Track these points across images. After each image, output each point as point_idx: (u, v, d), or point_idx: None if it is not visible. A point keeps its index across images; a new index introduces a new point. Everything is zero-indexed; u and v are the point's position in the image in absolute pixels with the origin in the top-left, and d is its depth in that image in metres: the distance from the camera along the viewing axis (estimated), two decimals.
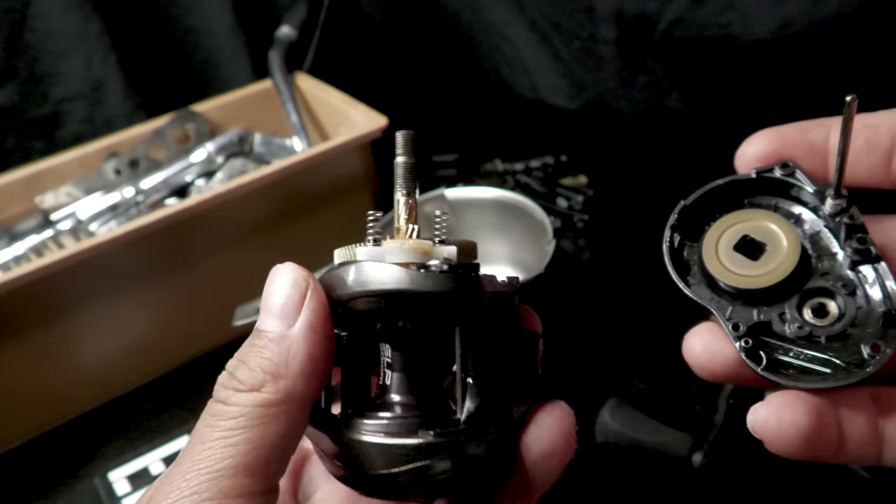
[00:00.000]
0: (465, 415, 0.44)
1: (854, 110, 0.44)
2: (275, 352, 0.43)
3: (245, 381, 0.43)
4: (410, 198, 0.48)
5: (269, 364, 0.43)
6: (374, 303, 0.44)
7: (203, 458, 0.42)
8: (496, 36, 1.22)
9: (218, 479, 0.41)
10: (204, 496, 0.41)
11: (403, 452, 0.43)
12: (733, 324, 0.48)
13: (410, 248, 0.45)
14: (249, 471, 0.42)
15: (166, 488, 0.42)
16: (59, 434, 0.97)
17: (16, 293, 0.86)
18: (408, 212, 0.48)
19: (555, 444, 0.46)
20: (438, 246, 0.46)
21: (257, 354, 0.44)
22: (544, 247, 0.97)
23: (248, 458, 0.42)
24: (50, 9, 1.17)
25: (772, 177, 0.50)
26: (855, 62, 0.99)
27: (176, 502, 0.41)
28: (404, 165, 0.49)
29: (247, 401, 0.43)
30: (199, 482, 0.41)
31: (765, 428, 0.45)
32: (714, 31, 1.04)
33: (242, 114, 1.19)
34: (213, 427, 0.43)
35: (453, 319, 0.45)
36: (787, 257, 0.48)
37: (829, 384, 0.45)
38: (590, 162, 1.25)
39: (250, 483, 0.42)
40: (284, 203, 1.04)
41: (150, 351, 1.01)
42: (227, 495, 0.41)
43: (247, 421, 0.42)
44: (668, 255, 0.51)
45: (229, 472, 0.42)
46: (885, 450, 0.46)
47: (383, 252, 0.45)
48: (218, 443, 0.42)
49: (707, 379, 0.51)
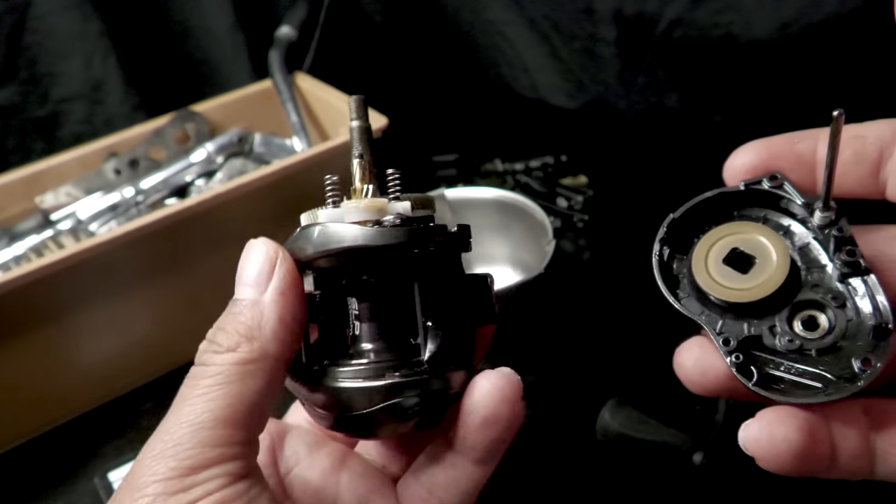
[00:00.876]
0: (427, 355, 0.49)
1: (841, 124, 0.44)
2: (248, 316, 0.48)
3: (222, 343, 0.47)
4: (363, 159, 0.52)
5: (244, 327, 0.47)
6: (336, 260, 0.49)
7: (185, 413, 0.45)
8: (496, 36, 1.22)
9: (198, 430, 0.45)
10: (185, 447, 0.44)
11: (377, 392, 0.48)
12: (724, 338, 0.48)
13: (366, 207, 0.49)
14: (228, 422, 0.45)
15: (152, 442, 0.45)
16: (59, 434, 0.97)
17: (16, 293, 0.86)
18: (362, 172, 0.52)
19: (496, 412, 0.48)
20: (393, 202, 0.50)
21: (233, 320, 0.48)
22: (544, 247, 0.97)
23: (227, 411, 0.45)
24: (50, 9, 1.17)
25: (760, 189, 0.50)
26: (854, 62, 0.99)
27: (161, 453, 0.44)
28: (358, 129, 0.53)
29: (224, 360, 0.46)
30: (182, 434, 0.45)
31: (756, 445, 0.45)
32: (714, 31, 1.03)
33: (242, 114, 1.19)
34: (194, 386, 0.46)
35: (409, 269, 0.49)
36: (777, 270, 0.48)
37: (820, 399, 0.45)
38: (590, 162, 1.25)
39: (229, 434, 0.45)
40: (284, 203, 1.03)
41: (150, 351, 1.01)
42: (207, 445, 0.45)
43: (224, 378, 0.46)
44: (657, 268, 0.51)
45: (209, 423, 0.45)
46: (877, 464, 0.46)
47: (342, 213, 0.49)
48: (198, 398, 0.46)
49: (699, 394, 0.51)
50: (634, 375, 0.92)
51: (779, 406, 0.46)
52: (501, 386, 0.48)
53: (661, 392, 0.88)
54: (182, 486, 0.44)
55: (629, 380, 0.91)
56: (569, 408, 0.92)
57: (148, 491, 0.44)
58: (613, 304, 1.06)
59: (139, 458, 0.46)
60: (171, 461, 0.44)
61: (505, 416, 0.48)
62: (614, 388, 0.90)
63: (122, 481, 0.47)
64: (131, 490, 0.44)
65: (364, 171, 0.52)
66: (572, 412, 0.90)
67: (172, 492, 0.44)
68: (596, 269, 1.14)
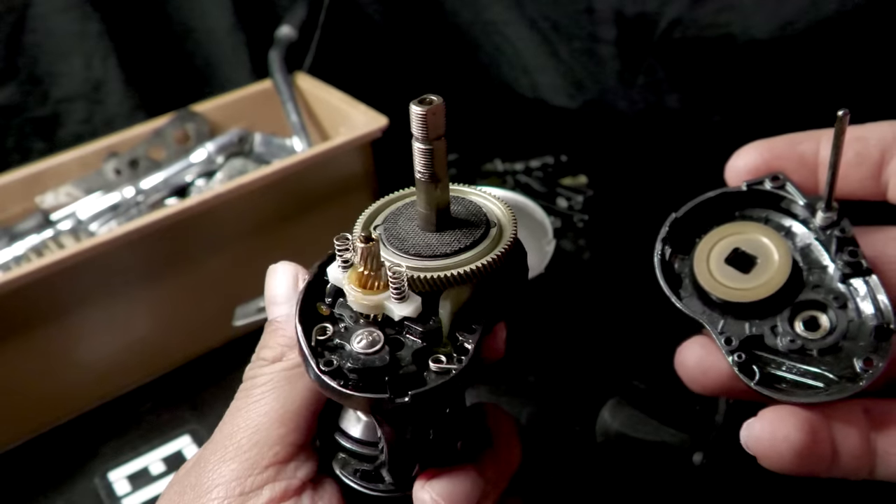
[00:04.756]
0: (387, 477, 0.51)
1: (846, 124, 0.44)
2: (288, 329, 0.50)
3: (267, 356, 0.50)
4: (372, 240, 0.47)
5: (286, 339, 0.50)
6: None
7: (239, 419, 0.49)
8: (496, 36, 1.22)
9: (255, 432, 0.48)
10: (244, 447, 0.47)
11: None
12: (726, 338, 0.48)
13: (361, 306, 0.46)
14: (281, 422, 0.48)
15: (212, 447, 0.48)
16: (59, 434, 0.97)
17: (16, 293, 0.86)
18: (368, 255, 0.46)
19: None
20: (390, 303, 0.46)
21: (274, 334, 0.51)
22: (544, 247, 0.97)
23: (280, 412, 0.49)
24: (50, 9, 1.17)
25: (762, 189, 0.51)
26: (854, 62, 0.99)
27: (221, 458, 0.47)
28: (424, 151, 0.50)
29: (273, 370, 0.50)
30: (241, 437, 0.48)
31: (758, 444, 0.45)
32: (714, 31, 1.03)
33: (242, 114, 1.19)
34: (247, 397, 0.50)
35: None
36: (779, 270, 0.48)
37: (822, 399, 0.46)
38: (590, 162, 1.25)
39: (284, 433, 0.48)
40: (284, 203, 1.04)
41: (150, 351, 1.01)
42: (264, 444, 0.48)
43: (274, 384, 0.49)
44: (659, 268, 0.51)
45: (264, 425, 0.48)
46: (877, 464, 0.46)
47: (343, 284, 0.47)
48: (252, 406, 0.49)
49: (700, 393, 0.52)
50: (634, 375, 0.92)
51: (780, 405, 0.46)
52: None
53: (661, 392, 0.88)
54: (245, 488, 0.46)
55: (629, 380, 0.91)
56: (569, 408, 0.92)
57: (213, 495, 0.46)
58: (614, 304, 1.06)
59: (198, 462, 0.48)
60: (232, 463, 0.47)
61: None
62: (614, 388, 0.90)
63: (175, 485, 0.49)
64: (198, 494, 0.46)
65: (370, 254, 0.46)
66: (572, 412, 0.90)
67: (237, 494, 0.46)
68: (596, 269, 1.13)
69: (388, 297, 0.46)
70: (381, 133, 1.05)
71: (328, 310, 0.49)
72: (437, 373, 0.45)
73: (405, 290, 0.46)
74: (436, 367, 0.45)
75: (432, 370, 0.45)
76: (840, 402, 0.46)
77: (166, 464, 0.91)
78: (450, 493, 0.48)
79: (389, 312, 0.46)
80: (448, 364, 0.45)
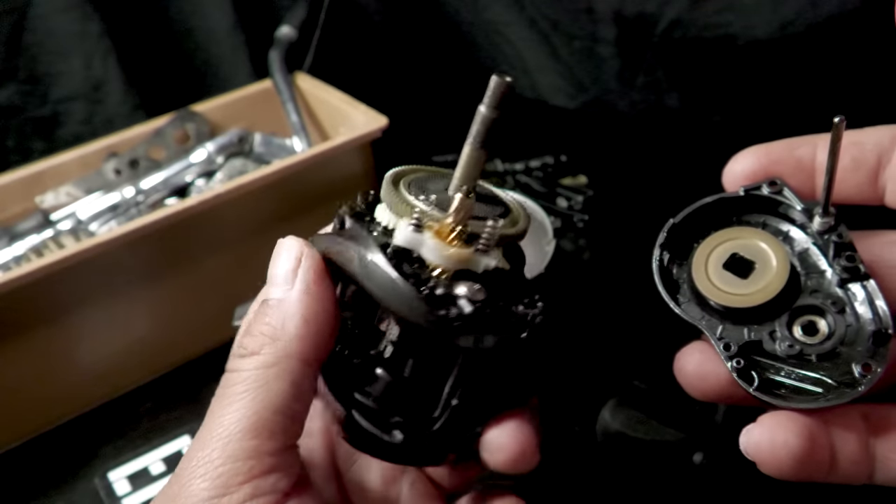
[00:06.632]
0: (437, 425, 0.49)
1: (842, 130, 0.44)
2: (274, 316, 0.47)
3: (248, 346, 0.47)
4: (468, 188, 0.47)
5: (269, 328, 0.47)
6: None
7: (214, 426, 0.46)
8: (496, 36, 1.22)
9: (227, 444, 0.45)
10: (216, 463, 0.44)
11: (379, 443, 0.49)
12: (724, 343, 0.48)
13: (448, 257, 0.46)
14: (255, 432, 0.45)
15: (187, 458, 0.46)
16: (59, 434, 0.97)
17: (16, 293, 0.86)
18: (460, 208, 0.46)
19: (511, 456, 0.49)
20: (477, 255, 0.47)
21: (260, 321, 0.48)
22: (544, 247, 0.97)
23: (253, 419, 0.45)
24: (50, 9, 1.17)
25: (760, 194, 0.51)
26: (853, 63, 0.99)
27: (192, 472, 0.45)
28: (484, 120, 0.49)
29: (248, 365, 0.46)
30: (212, 449, 0.45)
31: (757, 450, 0.45)
32: (714, 31, 1.04)
33: (242, 114, 1.19)
34: (222, 396, 0.47)
35: (453, 353, 0.48)
36: (777, 275, 0.48)
37: (821, 404, 0.45)
38: (590, 162, 1.25)
39: (258, 444, 0.45)
40: (284, 203, 1.04)
41: (150, 351, 1.01)
42: (238, 458, 0.44)
43: (248, 384, 0.46)
44: (657, 273, 0.51)
45: (236, 435, 0.45)
46: (876, 469, 0.47)
47: (418, 241, 0.46)
48: (226, 409, 0.46)
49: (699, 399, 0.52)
50: (634, 375, 0.92)
51: (779, 411, 0.46)
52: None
53: (661, 392, 0.88)
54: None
55: (629, 380, 0.91)
56: (569, 408, 0.92)
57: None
58: (614, 305, 1.06)
59: (178, 473, 0.46)
60: (203, 481, 0.44)
61: None
62: (614, 388, 0.90)
63: (160, 496, 0.47)
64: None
65: (463, 207, 0.46)
66: (572, 412, 0.90)
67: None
68: (596, 269, 1.14)
69: (473, 251, 0.47)
70: (381, 133, 1.05)
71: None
72: (525, 315, 0.47)
73: (493, 243, 0.47)
74: (522, 309, 0.47)
75: (519, 314, 0.47)
76: (838, 408, 0.46)
77: (166, 464, 0.91)
78: (525, 434, 0.49)
79: (474, 265, 0.46)
80: (528, 309, 0.47)
